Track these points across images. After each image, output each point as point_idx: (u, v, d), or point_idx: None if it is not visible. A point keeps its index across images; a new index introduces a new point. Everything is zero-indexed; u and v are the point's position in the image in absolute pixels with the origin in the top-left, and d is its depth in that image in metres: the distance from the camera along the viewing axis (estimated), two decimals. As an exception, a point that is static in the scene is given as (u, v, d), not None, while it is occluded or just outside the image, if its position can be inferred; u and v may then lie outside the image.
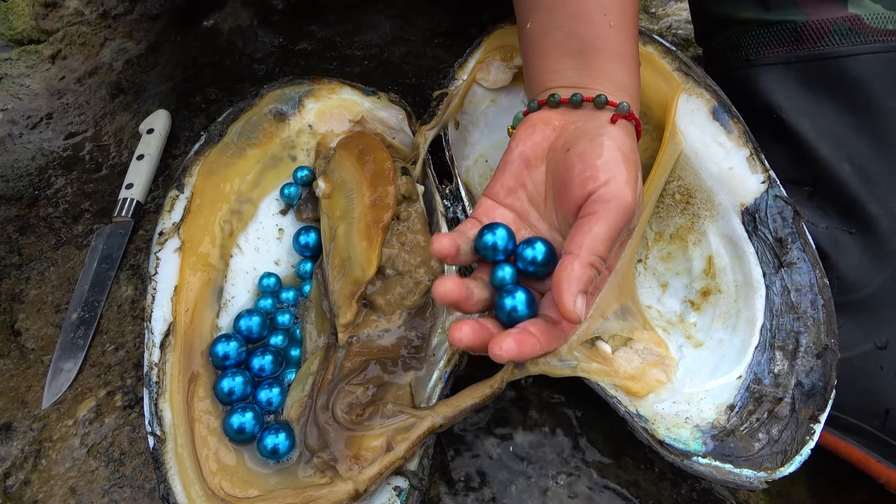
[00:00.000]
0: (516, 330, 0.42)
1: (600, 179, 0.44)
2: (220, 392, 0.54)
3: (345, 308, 0.55)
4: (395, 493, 0.50)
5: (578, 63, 0.51)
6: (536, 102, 0.51)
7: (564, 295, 0.40)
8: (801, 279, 0.55)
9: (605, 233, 0.42)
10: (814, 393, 0.52)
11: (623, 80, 0.51)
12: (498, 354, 0.40)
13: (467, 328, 0.41)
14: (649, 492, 0.56)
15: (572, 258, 0.41)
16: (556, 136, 0.49)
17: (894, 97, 0.61)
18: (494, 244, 0.46)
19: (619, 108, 0.48)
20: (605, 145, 0.45)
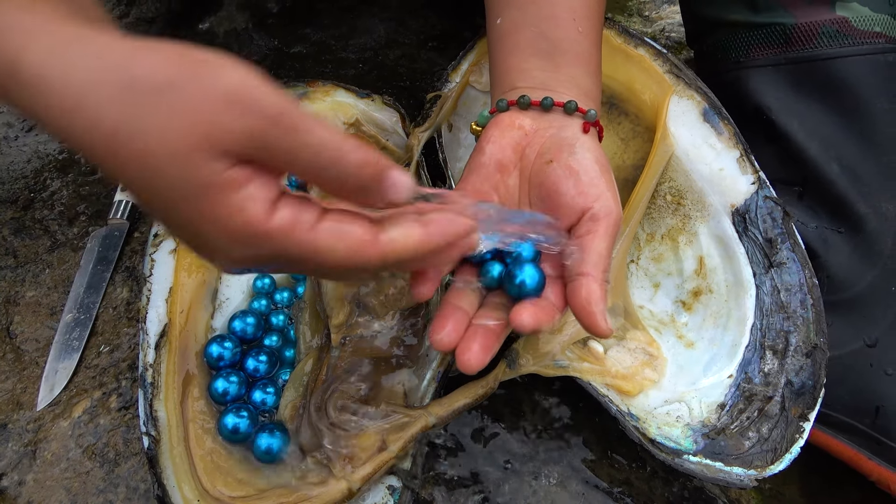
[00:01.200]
0: (531, 304, 0.42)
1: (591, 196, 0.45)
2: (214, 393, 0.55)
3: (338, 309, 0.56)
4: (389, 492, 0.50)
5: (546, 64, 0.51)
6: (506, 102, 0.51)
7: (597, 317, 0.41)
8: (791, 279, 0.56)
9: (607, 248, 0.44)
10: (803, 392, 0.53)
11: (588, 85, 0.52)
12: (524, 325, 0.40)
13: (450, 328, 0.41)
14: (641, 490, 0.57)
15: (590, 280, 0.42)
16: (528, 141, 0.49)
17: (881, 98, 0.62)
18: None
19: (588, 116, 0.49)
20: (587, 159, 0.46)
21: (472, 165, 0.49)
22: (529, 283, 0.43)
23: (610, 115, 0.66)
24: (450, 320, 0.42)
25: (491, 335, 0.42)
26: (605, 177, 0.46)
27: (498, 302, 0.45)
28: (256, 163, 0.32)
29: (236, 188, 0.31)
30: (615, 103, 0.66)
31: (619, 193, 0.48)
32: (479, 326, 0.43)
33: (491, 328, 0.43)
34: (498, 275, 0.45)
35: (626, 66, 0.65)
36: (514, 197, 0.49)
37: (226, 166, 0.31)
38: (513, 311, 0.41)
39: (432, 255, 0.37)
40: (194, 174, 0.31)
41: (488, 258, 0.46)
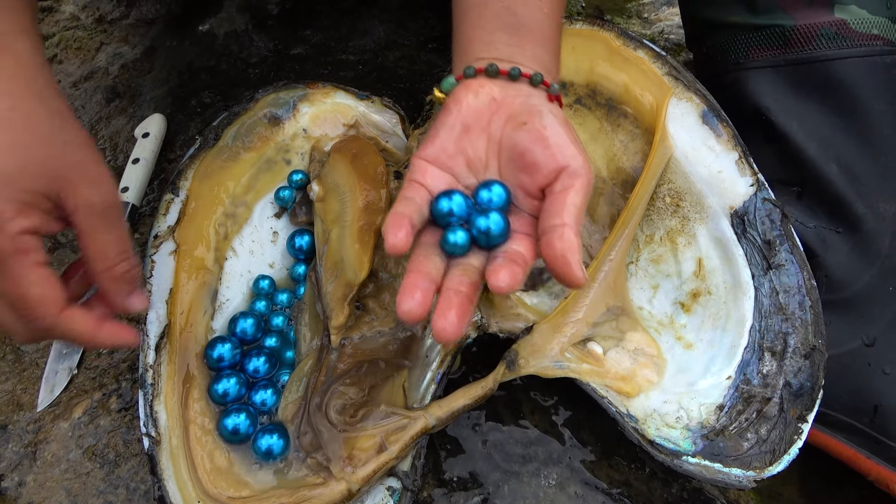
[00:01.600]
0: (502, 261, 0.43)
1: (567, 156, 0.46)
2: (214, 394, 0.55)
3: (337, 310, 0.56)
4: (388, 493, 0.50)
5: (512, 39, 0.52)
6: (474, 69, 0.51)
7: (573, 266, 0.42)
8: (789, 281, 0.56)
9: (581, 202, 0.44)
10: (802, 393, 0.53)
11: (550, 63, 0.54)
12: (502, 287, 0.40)
13: (419, 297, 0.41)
14: (640, 491, 0.57)
15: (565, 228, 0.43)
16: (496, 106, 0.50)
17: (879, 99, 0.62)
18: (450, 210, 0.45)
19: (551, 90, 0.51)
20: (557, 123, 0.48)
21: (438, 126, 0.50)
22: (495, 230, 0.44)
23: (609, 117, 0.66)
24: (417, 289, 0.41)
25: (465, 301, 0.42)
26: (575, 141, 0.48)
27: (465, 263, 0.45)
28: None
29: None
30: (614, 105, 0.66)
31: (620, 195, 0.49)
32: (451, 292, 0.42)
33: (464, 293, 0.42)
34: (463, 242, 0.45)
35: (625, 68, 0.65)
36: (480, 159, 0.50)
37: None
38: (488, 273, 0.41)
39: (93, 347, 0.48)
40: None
41: (453, 222, 0.46)
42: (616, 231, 0.58)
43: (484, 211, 0.45)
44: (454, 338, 0.40)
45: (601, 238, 0.63)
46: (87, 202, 0.45)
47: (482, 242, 0.45)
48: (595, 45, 0.66)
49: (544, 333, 0.55)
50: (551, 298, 0.61)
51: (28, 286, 0.42)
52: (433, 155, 0.49)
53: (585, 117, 0.67)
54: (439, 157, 0.49)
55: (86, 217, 0.45)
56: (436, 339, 0.40)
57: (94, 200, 0.45)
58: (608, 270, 0.57)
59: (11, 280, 0.42)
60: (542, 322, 0.56)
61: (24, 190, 0.42)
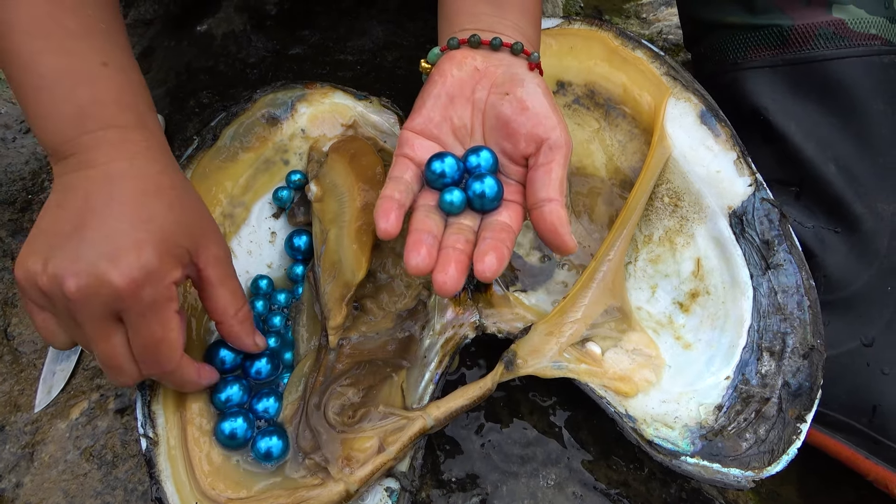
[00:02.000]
0: (489, 241, 0.46)
1: (547, 127, 0.50)
2: (217, 401, 0.54)
3: (335, 311, 0.56)
4: (387, 493, 0.50)
5: (494, 10, 0.55)
6: (457, 41, 0.54)
7: (565, 237, 0.47)
8: (788, 281, 0.56)
9: (564, 175, 0.49)
10: (800, 393, 0.53)
11: (531, 34, 0.56)
12: (487, 275, 0.44)
13: (424, 252, 0.46)
14: (639, 491, 0.57)
15: (556, 204, 0.47)
16: (479, 76, 0.53)
17: (877, 99, 0.62)
18: (443, 171, 0.50)
19: (532, 58, 0.53)
20: (538, 93, 0.51)
21: (424, 96, 0.53)
22: (489, 193, 0.49)
23: (608, 117, 0.66)
24: (423, 245, 0.46)
25: (463, 257, 0.46)
26: (555, 110, 0.51)
27: (460, 223, 0.49)
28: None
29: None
30: (613, 105, 0.66)
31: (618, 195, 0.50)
32: (449, 249, 0.46)
33: (461, 249, 0.47)
34: (459, 201, 0.49)
35: (623, 68, 0.65)
36: (466, 127, 0.53)
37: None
38: (475, 257, 0.45)
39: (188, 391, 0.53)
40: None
41: (447, 183, 0.50)
42: (614, 231, 0.58)
43: (479, 176, 0.49)
44: (454, 290, 0.45)
45: (600, 238, 0.63)
46: (216, 257, 0.50)
47: (477, 205, 0.49)
48: (593, 45, 0.66)
49: (543, 334, 0.55)
50: (550, 298, 0.61)
51: (170, 330, 0.46)
52: (420, 125, 0.52)
53: (584, 117, 0.67)
54: (426, 127, 0.52)
55: (215, 270, 0.50)
56: (437, 293, 0.45)
57: (221, 255, 0.51)
58: (607, 270, 0.57)
59: (159, 324, 0.46)
60: (540, 322, 0.56)
61: (178, 245, 0.47)
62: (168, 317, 0.46)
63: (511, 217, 0.49)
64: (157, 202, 0.47)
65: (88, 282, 0.43)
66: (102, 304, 0.44)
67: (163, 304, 0.46)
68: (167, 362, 0.48)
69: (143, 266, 0.44)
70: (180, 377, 0.50)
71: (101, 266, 0.43)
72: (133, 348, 0.47)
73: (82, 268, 0.43)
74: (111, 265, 0.43)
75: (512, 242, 0.48)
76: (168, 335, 0.46)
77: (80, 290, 0.43)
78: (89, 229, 0.44)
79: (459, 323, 0.57)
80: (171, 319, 0.46)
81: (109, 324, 0.45)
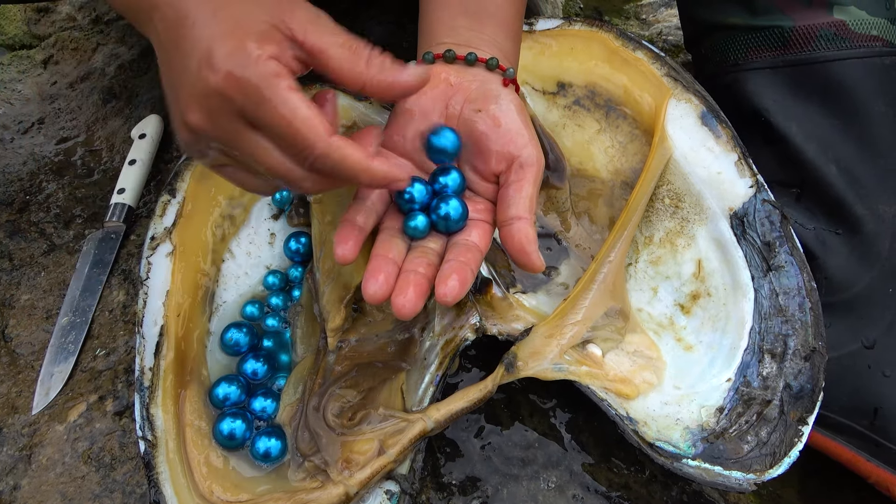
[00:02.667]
0: (453, 264, 0.46)
1: (518, 145, 0.49)
2: (214, 398, 0.54)
3: (334, 313, 0.56)
4: (387, 496, 0.50)
5: (472, 24, 0.55)
6: (432, 55, 0.54)
7: (532, 256, 0.46)
8: (789, 282, 0.56)
9: (535, 194, 0.49)
10: (802, 395, 0.53)
11: (509, 49, 0.56)
12: (445, 298, 0.44)
13: (382, 279, 0.45)
14: (640, 494, 0.57)
15: (525, 223, 0.47)
16: (452, 92, 0.52)
17: (878, 101, 0.62)
18: (412, 197, 0.49)
19: (507, 74, 0.53)
20: (511, 110, 0.51)
21: (397, 112, 0.53)
22: (454, 215, 0.48)
23: (608, 118, 0.66)
24: (381, 272, 0.46)
25: (423, 280, 0.46)
26: (528, 128, 0.50)
27: (424, 246, 0.49)
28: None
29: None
30: (613, 106, 0.66)
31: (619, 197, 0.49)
32: (410, 273, 0.46)
33: (422, 273, 0.46)
34: (423, 226, 0.49)
35: (624, 69, 0.65)
36: None
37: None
38: (437, 282, 0.45)
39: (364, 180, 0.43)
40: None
41: (416, 209, 0.50)
42: (615, 232, 0.58)
43: (445, 197, 0.49)
44: (412, 313, 0.44)
45: (601, 239, 0.63)
46: (307, 18, 0.43)
47: (441, 227, 0.49)
48: (594, 46, 0.66)
49: (543, 336, 0.55)
50: (550, 300, 0.61)
51: (294, 108, 0.40)
52: (392, 141, 0.52)
53: (584, 118, 0.67)
54: (398, 143, 0.52)
55: (314, 34, 0.43)
56: (395, 315, 0.44)
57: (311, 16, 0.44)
58: (607, 272, 0.57)
59: (273, 108, 0.40)
60: (540, 324, 0.56)
61: (258, 21, 0.42)
62: (283, 94, 0.40)
63: (479, 236, 0.49)
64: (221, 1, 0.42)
65: (196, 102, 0.41)
66: (223, 114, 0.41)
67: (270, 82, 0.40)
68: (310, 146, 0.41)
69: (226, 55, 0.40)
70: (339, 162, 0.42)
71: (198, 83, 0.40)
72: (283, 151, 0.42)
73: (184, 96, 0.41)
74: (203, 74, 0.40)
75: (477, 264, 0.47)
76: (293, 114, 0.41)
77: (197, 116, 0.41)
78: (176, 59, 0.42)
79: (459, 325, 0.57)
80: (287, 98, 0.40)
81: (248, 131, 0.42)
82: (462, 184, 0.51)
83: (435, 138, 0.50)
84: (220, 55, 0.40)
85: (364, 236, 0.48)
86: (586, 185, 0.65)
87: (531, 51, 0.68)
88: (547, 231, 0.65)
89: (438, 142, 0.50)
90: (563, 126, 0.67)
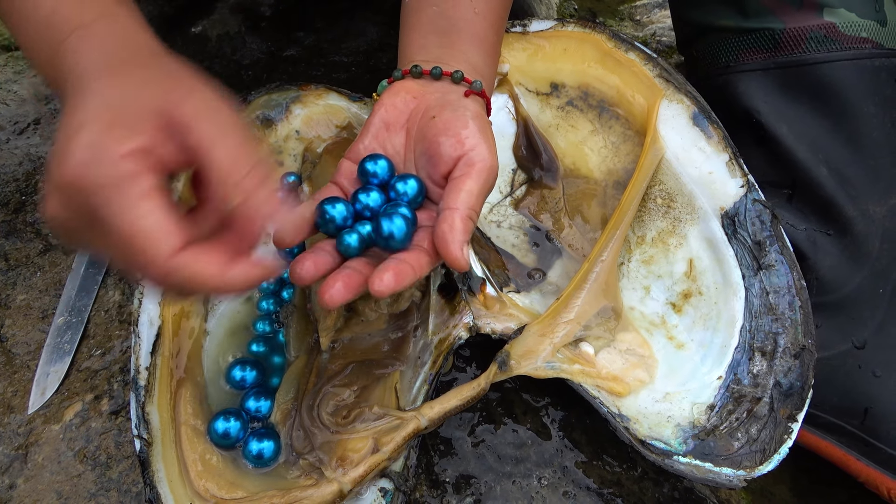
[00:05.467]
0: (393, 262, 0.43)
1: (467, 146, 0.49)
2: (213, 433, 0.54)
3: (326, 312, 0.56)
4: (381, 494, 0.50)
5: (442, 41, 0.56)
6: (401, 72, 0.55)
7: (451, 246, 0.44)
8: (779, 281, 0.56)
9: (477, 189, 0.47)
10: (791, 393, 0.53)
11: (478, 61, 0.56)
12: (379, 290, 0.41)
13: (340, 284, 0.43)
14: (632, 491, 0.57)
15: (453, 212, 0.45)
16: (416, 103, 0.53)
17: (868, 102, 0.62)
18: (332, 217, 0.48)
19: (473, 86, 0.53)
20: (466, 116, 0.50)
21: (364, 126, 0.54)
22: (397, 234, 0.46)
23: (601, 118, 0.66)
24: (310, 256, 0.44)
25: (356, 276, 0.43)
26: (482, 132, 0.50)
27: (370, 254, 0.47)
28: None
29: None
30: (606, 107, 0.66)
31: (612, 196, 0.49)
32: (344, 268, 0.45)
33: (356, 269, 0.44)
34: (357, 243, 0.47)
35: (616, 70, 0.65)
36: (400, 154, 0.53)
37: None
38: (371, 276, 0.42)
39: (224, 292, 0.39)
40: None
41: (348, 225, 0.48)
42: (608, 232, 0.59)
43: (390, 214, 0.46)
44: (337, 303, 0.42)
45: (593, 239, 0.64)
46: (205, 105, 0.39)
47: (382, 246, 0.47)
48: (587, 47, 0.67)
49: (536, 334, 0.55)
50: (543, 299, 0.61)
51: (136, 219, 0.35)
52: (357, 154, 0.53)
53: (577, 119, 0.67)
54: (360, 156, 0.52)
55: (204, 124, 0.38)
56: (321, 305, 0.42)
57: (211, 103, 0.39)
58: (600, 271, 0.58)
59: (113, 215, 0.35)
60: (533, 323, 0.56)
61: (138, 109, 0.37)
62: (129, 201, 0.35)
63: (429, 243, 0.46)
64: (111, 80, 0.39)
65: (51, 191, 0.37)
66: (72, 208, 0.36)
67: (119, 185, 0.35)
68: (147, 265, 0.36)
69: (84, 145, 0.35)
70: (185, 280, 0.36)
71: (54, 170, 0.36)
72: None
73: (46, 179, 0.37)
74: (58, 161, 0.36)
75: (421, 268, 0.45)
76: (137, 224, 0.35)
77: (51, 203, 0.37)
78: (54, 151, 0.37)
79: (453, 324, 0.57)
80: (135, 204, 0.35)
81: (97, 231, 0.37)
82: (419, 190, 0.50)
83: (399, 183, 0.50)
84: (78, 144, 0.36)
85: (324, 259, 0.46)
86: (579, 185, 0.66)
87: (525, 52, 0.69)
88: (539, 230, 0.65)
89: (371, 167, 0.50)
90: (557, 127, 0.68)
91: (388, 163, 0.51)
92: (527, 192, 0.67)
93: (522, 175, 0.67)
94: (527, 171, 0.67)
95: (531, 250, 0.64)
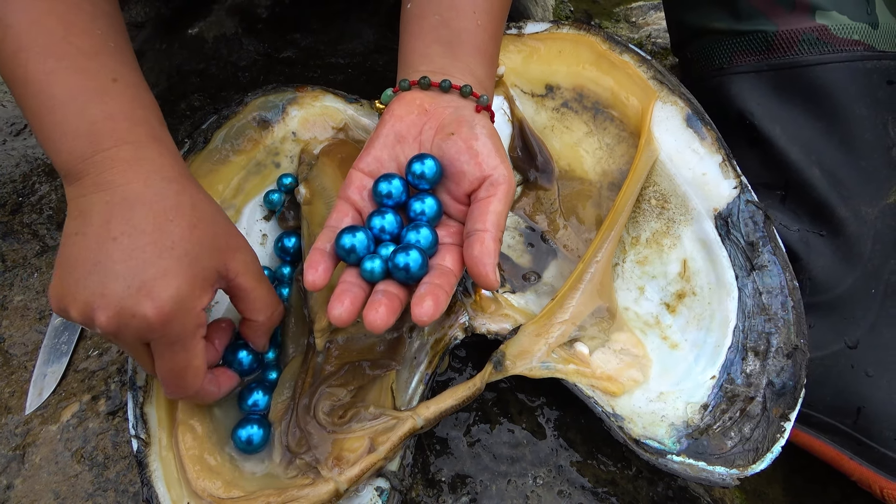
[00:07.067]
0: (427, 287, 0.46)
1: (490, 166, 0.50)
2: (244, 408, 0.55)
3: (321, 313, 0.56)
4: (377, 493, 0.51)
5: (446, 51, 0.56)
6: (408, 82, 0.55)
7: (486, 269, 0.46)
8: (772, 282, 0.57)
9: (504, 211, 0.49)
10: (784, 392, 0.54)
11: (482, 74, 0.57)
12: (421, 318, 0.44)
13: (383, 309, 0.45)
14: (626, 490, 0.57)
15: (483, 234, 0.47)
16: (427, 117, 0.54)
17: (860, 104, 0.63)
18: (353, 246, 0.49)
19: (480, 101, 0.54)
20: (484, 134, 0.52)
21: (374, 136, 0.54)
22: (413, 267, 0.47)
23: (596, 120, 0.67)
24: (347, 296, 0.46)
25: (395, 299, 0.47)
26: (499, 151, 0.51)
27: (385, 289, 0.48)
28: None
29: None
30: (601, 109, 0.67)
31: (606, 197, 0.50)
32: (381, 292, 0.47)
33: (391, 292, 0.47)
34: (381, 268, 0.48)
35: (611, 72, 0.66)
36: None
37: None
38: (413, 301, 0.45)
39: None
40: None
41: (370, 251, 0.49)
42: (602, 233, 0.59)
43: (405, 248, 0.48)
44: (382, 327, 0.45)
45: (588, 240, 0.64)
46: (245, 263, 0.50)
47: (399, 277, 0.48)
48: (582, 49, 0.67)
49: (531, 334, 0.56)
50: (538, 300, 0.61)
51: (193, 358, 0.47)
52: (367, 165, 0.53)
53: (572, 121, 0.68)
54: (374, 167, 0.53)
55: (245, 278, 0.50)
56: (367, 328, 0.45)
57: (248, 260, 0.51)
58: (595, 272, 0.58)
59: (185, 353, 0.46)
60: (528, 323, 0.56)
61: (206, 267, 0.47)
62: (195, 344, 0.47)
63: (453, 261, 0.49)
64: (178, 225, 0.46)
65: (119, 315, 0.43)
66: (133, 335, 0.44)
67: (192, 333, 0.46)
68: (190, 387, 0.48)
69: (173, 297, 0.44)
70: (201, 397, 0.51)
71: (129, 300, 0.43)
72: (158, 372, 0.47)
73: (111, 301, 0.43)
74: (141, 298, 0.43)
75: (451, 287, 0.47)
76: (193, 362, 0.47)
77: (111, 323, 0.44)
78: (112, 261, 0.44)
79: (449, 324, 0.57)
80: (196, 346, 0.47)
81: (143, 349, 0.47)
82: (438, 210, 0.51)
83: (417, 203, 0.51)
84: (161, 290, 0.44)
85: (335, 263, 0.49)
86: (574, 186, 0.66)
87: (520, 54, 0.69)
88: (535, 230, 0.66)
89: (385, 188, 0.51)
90: (552, 128, 0.68)
91: (402, 182, 0.51)
92: (522, 193, 0.67)
93: (518, 176, 0.68)
94: (522, 173, 0.68)
95: (526, 251, 0.65)
